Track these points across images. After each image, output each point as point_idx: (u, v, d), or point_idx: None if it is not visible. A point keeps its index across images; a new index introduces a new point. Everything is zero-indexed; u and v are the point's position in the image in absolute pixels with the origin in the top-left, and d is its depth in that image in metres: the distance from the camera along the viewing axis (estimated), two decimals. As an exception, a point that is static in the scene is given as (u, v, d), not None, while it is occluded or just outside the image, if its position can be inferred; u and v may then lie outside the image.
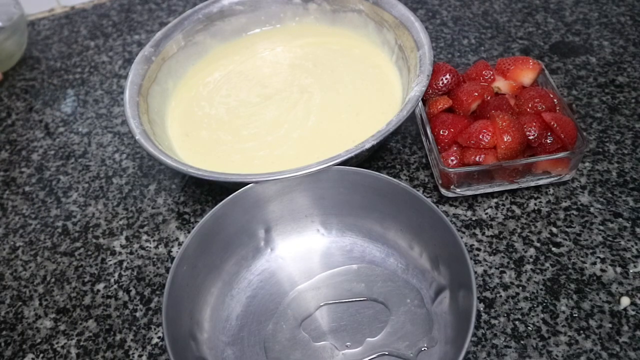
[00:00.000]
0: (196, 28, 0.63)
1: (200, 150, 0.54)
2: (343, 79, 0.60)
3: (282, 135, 0.55)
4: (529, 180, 0.50)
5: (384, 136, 0.46)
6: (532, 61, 0.52)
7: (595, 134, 0.55)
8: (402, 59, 0.57)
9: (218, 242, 0.44)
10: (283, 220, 0.47)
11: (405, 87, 0.55)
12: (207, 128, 0.57)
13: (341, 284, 0.45)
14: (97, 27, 0.81)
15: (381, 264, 0.46)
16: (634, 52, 0.63)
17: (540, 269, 0.46)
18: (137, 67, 0.57)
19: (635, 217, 0.48)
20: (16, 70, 0.76)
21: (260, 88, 0.61)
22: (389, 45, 0.60)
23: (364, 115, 0.55)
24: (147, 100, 0.56)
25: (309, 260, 0.47)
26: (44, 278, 0.51)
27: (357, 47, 0.63)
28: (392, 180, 0.43)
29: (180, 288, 0.40)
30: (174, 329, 0.38)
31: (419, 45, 0.54)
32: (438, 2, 0.75)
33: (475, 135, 0.47)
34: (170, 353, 0.36)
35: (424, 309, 0.42)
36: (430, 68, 0.51)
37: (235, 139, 0.55)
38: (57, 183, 0.59)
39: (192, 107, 0.60)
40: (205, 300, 0.43)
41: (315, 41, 0.65)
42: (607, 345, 0.41)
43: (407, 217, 0.44)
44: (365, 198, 0.45)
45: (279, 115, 0.57)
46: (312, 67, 0.62)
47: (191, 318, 0.41)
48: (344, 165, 0.45)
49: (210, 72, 0.63)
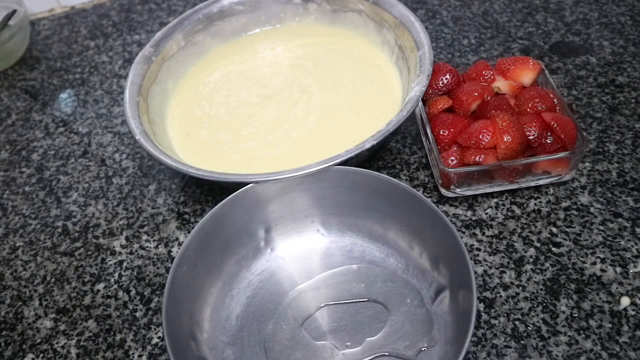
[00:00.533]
0: (196, 28, 0.63)
1: (200, 150, 0.54)
2: (343, 79, 0.60)
3: (282, 135, 0.55)
4: (529, 180, 0.50)
5: (384, 136, 0.46)
6: (532, 61, 0.52)
7: (595, 134, 0.55)
8: (402, 59, 0.57)
9: (218, 242, 0.44)
10: (283, 220, 0.47)
11: (405, 87, 0.55)
12: (207, 128, 0.57)
13: (341, 284, 0.45)
14: (97, 27, 0.81)
15: (381, 264, 0.46)
16: (634, 52, 0.63)
17: (540, 269, 0.46)
18: (137, 67, 0.57)
19: (635, 217, 0.48)
20: (16, 70, 0.76)
21: (260, 88, 0.61)
22: (389, 45, 0.60)
23: (364, 115, 0.55)
24: (147, 100, 0.56)
25: (309, 260, 0.47)
26: (44, 278, 0.51)
27: (357, 47, 0.63)
28: (392, 180, 0.43)
29: (180, 288, 0.40)
30: (174, 329, 0.38)
31: (419, 45, 0.54)
32: (438, 2, 0.75)
33: (475, 135, 0.47)
34: (170, 353, 0.36)
35: (424, 309, 0.42)
36: (430, 68, 0.51)
37: (235, 139, 0.55)
38: (57, 183, 0.59)
39: (192, 107, 0.60)
40: (205, 300, 0.43)
41: (315, 41, 0.65)
42: (607, 345, 0.41)
43: (407, 217, 0.44)
44: (365, 198, 0.45)
45: (279, 115, 0.57)
46: (312, 67, 0.62)
47: (191, 318, 0.41)
48: (344, 165, 0.45)
49: (210, 72, 0.63)
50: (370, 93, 0.57)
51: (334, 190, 0.46)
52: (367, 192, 0.45)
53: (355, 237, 0.47)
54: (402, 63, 0.57)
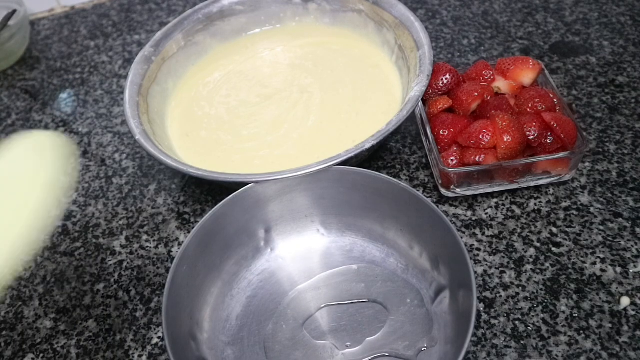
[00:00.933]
0: (196, 28, 0.63)
1: (200, 150, 0.54)
2: (343, 78, 0.60)
3: (282, 135, 0.55)
4: (529, 180, 0.50)
5: (384, 136, 0.46)
6: (532, 61, 0.52)
7: (595, 134, 0.55)
8: (402, 58, 0.57)
9: (218, 242, 0.44)
10: (283, 220, 0.47)
11: (405, 87, 0.55)
12: (207, 128, 0.57)
13: (341, 284, 0.45)
14: (97, 27, 0.81)
15: (381, 264, 0.46)
16: (634, 52, 0.63)
17: (540, 269, 0.46)
18: (137, 67, 0.57)
19: (635, 217, 0.48)
20: (16, 70, 0.76)
21: (260, 88, 0.61)
22: (389, 45, 0.60)
23: (364, 115, 0.55)
24: (147, 100, 0.56)
25: (309, 260, 0.47)
26: (44, 278, 0.51)
27: (357, 47, 0.63)
28: (392, 180, 0.43)
29: (180, 288, 0.40)
30: (174, 329, 0.38)
31: (419, 45, 0.54)
32: (438, 2, 0.75)
33: (475, 135, 0.47)
34: (170, 353, 0.36)
35: (424, 309, 0.42)
36: (430, 68, 0.51)
37: (236, 139, 0.55)
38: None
39: (192, 107, 0.60)
40: (205, 300, 0.43)
41: (315, 41, 0.65)
42: (607, 345, 0.41)
43: (407, 217, 0.44)
44: (365, 198, 0.45)
45: (279, 115, 0.57)
46: (312, 67, 0.62)
47: (191, 318, 0.41)
48: (344, 166, 0.45)
49: (210, 72, 0.63)
50: (370, 93, 0.57)
51: (334, 190, 0.46)
52: (367, 192, 0.45)
53: (355, 237, 0.47)
54: (402, 63, 0.57)
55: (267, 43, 0.66)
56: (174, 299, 0.39)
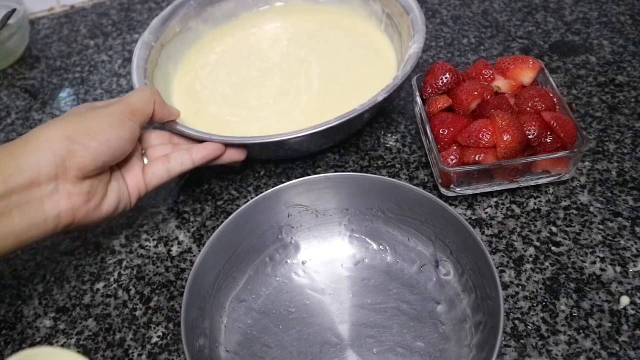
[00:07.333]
0: (189, 14, 0.65)
1: (213, 125, 0.55)
2: (338, 47, 0.62)
3: (290, 103, 0.57)
4: (528, 179, 0.50)
5: (393, 89, 0.49)
6: (532, 60, 0.52)
7: (595, 133, 0.55)
8: (392, 25, 0.60)
9: (238, 247, 0.44)
10: (306, 226, 0.47)
11: (398, 52, 0.58)
12: (215, 104, 0.59)
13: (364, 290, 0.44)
14: (97, 26, 0.81)
15: (406, 272, 0.45)
16: (634, 52, 0.63)
17: (540, 268, 0.46)
18: (139, 52, 0.58)
19: (635, 217, 0.48)
20: (16, 69, 0.76)
21: (259, 63, 0.63)
22: (377, 15, 0.63)
23: (365, 78, 0.58)
24: (153, 83, 0.58)
25: (332, 268, 0.46)
26: (43, 277, 0.51)
27: (346, 20, 0.66)
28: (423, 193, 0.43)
29: (198, 292, 0.41)
30: (191, 334, 0.38)
31: (408, 10, 0.56)
32: (438, 2, 0.75)
33: (475, 134, 0.47)
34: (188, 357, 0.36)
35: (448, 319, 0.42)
36: (424, 28, 0.54)
37: (245, 111, 0.57)
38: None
39: (196, 87, 0.62)
40: (222, 306, 0.43)
41: (305, 18, 0.68)
42: (606, 344, 0.41)
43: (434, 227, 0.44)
44: (392, 209, 0.45)
45: (282, 85, 0.59)
46: (306, 40, 0.64)
47: (210, 323, 0.41)
48: (360, 117, 0.47)
49: (206, 54, 0.65)
50: (366, 59, 0.60)
51: (361, 197, 0.46)
52: (397, 201, 0.45)
53: (380, 244, 0.47)
54: (392, 30, 0.60)
55: (258, 23, 0.68)
56: (193, 303, 0.39)
